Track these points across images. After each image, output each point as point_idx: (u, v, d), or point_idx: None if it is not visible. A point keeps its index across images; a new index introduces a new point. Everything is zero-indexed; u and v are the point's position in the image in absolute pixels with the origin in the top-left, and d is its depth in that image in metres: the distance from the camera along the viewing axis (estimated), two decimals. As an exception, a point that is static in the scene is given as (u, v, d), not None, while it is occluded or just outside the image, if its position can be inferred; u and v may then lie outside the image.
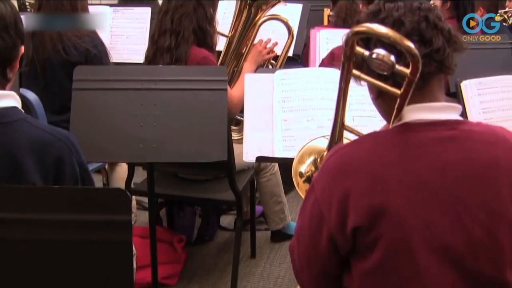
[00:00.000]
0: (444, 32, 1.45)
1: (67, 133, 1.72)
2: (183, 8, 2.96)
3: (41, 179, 1.61)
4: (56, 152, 1.64)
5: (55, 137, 1.66)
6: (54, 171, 1.63)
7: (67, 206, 1.28)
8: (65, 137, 1.68)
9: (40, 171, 1.61)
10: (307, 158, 1.89)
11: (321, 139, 1.93)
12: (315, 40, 3.43)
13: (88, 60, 3.23)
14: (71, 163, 1.67)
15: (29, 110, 2.96)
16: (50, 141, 1.65)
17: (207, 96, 2.48)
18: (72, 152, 1.67)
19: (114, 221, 1.26)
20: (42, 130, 1.67)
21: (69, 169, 1.66)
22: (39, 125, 1.69)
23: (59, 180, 1.64)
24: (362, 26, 1.39)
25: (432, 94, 1.45)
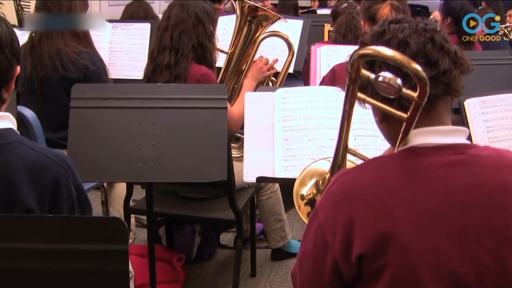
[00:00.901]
0: (451, 54, 1.42)
1: (63, 155, 1.69)
2: (183, 25, 2.94)
3: (37, 202, 1.57)
4: (53, 175, 1.60)
5: (51, 159, 1.62)
6: (50, 194, 1.60)
7: (63, 236, 1.24)
8: (61, 159, 1.64)
9: (36, 195, 1.57)
10: (309, 181, 1.86)
11: (322, 161, 1.90)
12: (316, 56, 3.41)
13: (86, 77, 3.20)
14: (67, 186, 1.63)
15: (26, 128, 2.93)
16: (46, 164, 1.61)
17: (207, 114, 2.45)
18: (69, 175, 1.64)
19: (110, 251, 1.23)
20: (38, 152, 1.63)
21: (66, 192, 1.63)
22: (35, 147, 1.65)
23: (56, 203, 1.61)
24: (368, 48, 1.35)
25: (439, 117, 1.42)
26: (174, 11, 2.98)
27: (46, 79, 3.23)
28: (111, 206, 3.53)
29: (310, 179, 1.86)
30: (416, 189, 1.34)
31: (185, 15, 2.94)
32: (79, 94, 2.53)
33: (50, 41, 3.21)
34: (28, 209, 1.56)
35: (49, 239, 1.26)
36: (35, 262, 1.26)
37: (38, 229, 1.27)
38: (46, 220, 1.31)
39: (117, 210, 3.46)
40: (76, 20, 3.27)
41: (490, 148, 1.46)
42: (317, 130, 2.34)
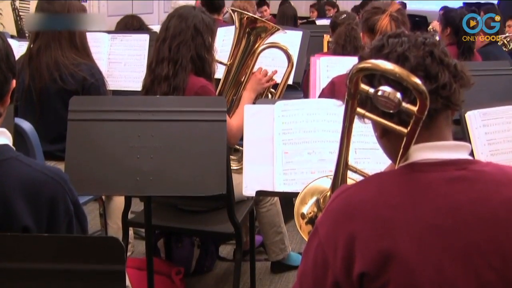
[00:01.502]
0: (450, 68, 1.40)
1: (60, 171, 1.67)
2: (181, 36, 2.92)
3: (34, 220, 1.55)
4: (50, 192, 1.58)
5: (48, 176, 1.59)
6: (47, 212, 1.57)
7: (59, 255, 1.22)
8: (58, 175, 1.62)
9: (32, 212, 1.55)
10: (310, 199, 1.83)
11: (323, 178, 1.88)
12: (315, 68, 3.39)
13: (85, 89, 3.18)
14: (65, 202, 1.60)
15: (24, 140, 2.91)
16: (43, 180, 1.58)
17: (206, 127, 2.44)
18: (66, 191, 1.61)
19: (106, 271, 1.20)
20: (34, 169, 1.60)
21: (63, 209, 1.60)
22: (31, 163, 1.63)
23: (53, 220, 1.58)
24: (366, 62, 1.34)
25: (440, 132, 1.40)
26: (172, 22, 2.97)
27: (44, 90, 3.21)
28: (110, 219, 3.50)
29: (311, 197, 1.84)
30: (418, 206, 1.32)
31: (184, 26, 2.93)
32: (77, 106, 2.52)
33: (49, 53, 3.19)
34: (24, 227, 1.53)
35: (45, 259, 1.24)
36: (31, 282, 1.24)
37: (34, 248, 1.25)
38: (42, 240, 1.29)
39: (115, 223, 3.44)
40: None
41: (493, 163, 1.44)
42: (317, 143, 2.32)
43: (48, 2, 3.25)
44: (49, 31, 3.21)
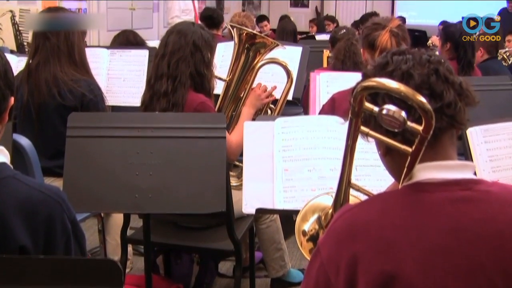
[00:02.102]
0: (456, 86, 1.38)
1: (57, 189, 1.64)
2: (180, 52, 2.91)
3: (31, 239, 1.53)
4: (47, 211, 1.56)
5: (45, 194, 1.57)
6: (45, 231, 1.55)
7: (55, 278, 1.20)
8: (56, 194, 1.60)
9: (30, 231, 1.53)
10: (311, 216, 1.81)
11: (324, 195, 1.85)
12: (315, 83, 3.37)
13: (83, 105, 3.17)
14: (62, 221, 1.58)
15: (22, 156, 2.90)
16: (41, 199, 1.56)
17: (205, 144, 2.42)
18: (64, 210, 1.59)
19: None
20: (31, 187, 1.58)
21: (61, 228, 1.58)
22: (28, 182, 1.60)
23: (51, 240, 1.56)
24: (371, 80, 1.32)
25: (445, 151, 1.38)
26: (171, 38, 2.96)
27: (42, 106, 3.20)
28: (108, 235, 3.47)
29: (312, 214, 1.81)
30: (423, 226, 1.29)
31: (183, 42, 2.92)
32: (75, 123, 2.51)
33: (48, 68, 3.18)
34: (21, 246, 1.51)
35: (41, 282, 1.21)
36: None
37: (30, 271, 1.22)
38: (38, 262, 1.26)
39: (114, 239, 3.41)
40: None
41: (498, 183, 1.42)
42: (318, 160, 2.30)
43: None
44: (48, 47, 3.20)
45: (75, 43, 3.24)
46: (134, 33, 4.79)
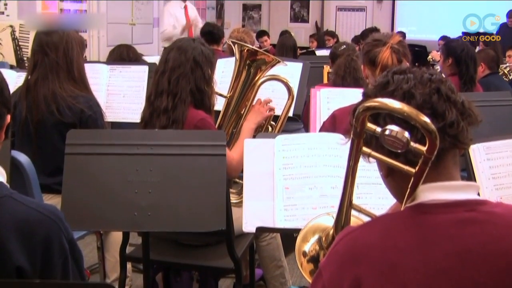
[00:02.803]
0: (458, 105, 1.36)
1: (54, 208, 1.63)
2: (181, 69, 2.89)
3: (28, 260, 1.51)
4: (45, 231, 1.54)
5: (42, 214, 1.56)
6: (42, 251, 1.53)
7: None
8: (53, 213, 1.58)
9: (27, 252, 1.51)
10: (311, 237, 1.78)
11: (325, 216, 1.82)
12: (316, 99, 3.36)
13: (82, 121, 3.15)
14: (60, 241, 1.57)
15: (20, 173, 2.87)
16: (38, 219, 1.55)
17: (205, 161, 2.41)
18: (61, 230, 1.57)
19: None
20: (28, 207, 1.57)
21: (58, 248, 1.56)
22: (25, 201, 1.59)
23: (48, 260, 1.54)
24: (374, 101, 1.30)
25: (448, 172, 1.36)
26: (171, 55, 2.94)
27: (41, 122, 3.18)
28: (107, 252, 3.45)
29: (312, 235, 1.79)
30: (426, 249, 1.27)
31: (183, 59, 2.90)
32: (74, 140, 2.50)
33: (46, 84, 3.17)
34: (18, 267, 1.49)
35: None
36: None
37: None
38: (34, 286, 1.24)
39: (113, 256, 3.38)
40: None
41: (503, 204, 1.39)
42: (319, 178, 2.27)
43: (46, 34, 3.23)
44: (47, 63, 3.19)
45: (74, 59, 3.23)
46: (129, 48, 4.75)
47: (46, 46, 3.19)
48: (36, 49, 3.26)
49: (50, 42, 3.19)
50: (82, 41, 3.43)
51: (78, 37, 3.40)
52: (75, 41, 3.27)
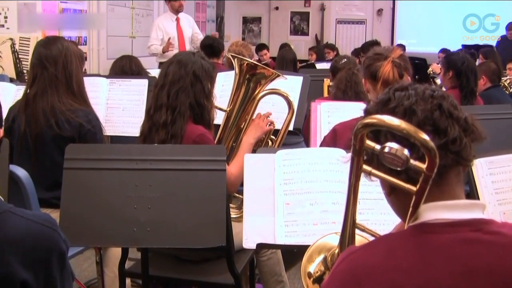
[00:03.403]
0: (461, 121, 1.34)
1: (48, 216, 1.64)
2: (180, 83, 2.88)
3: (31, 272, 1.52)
4: (46, 241, 1.57)
5: (41, 225, 1.58)
6: (44, 262, 1.55)
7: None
8: (49, 222, 1.60)
9: (29, 265, 1.52)
10: (317, 257, 1.75)
11: (332, 235, 1.80)
12: (316, 113, 3.34)
13: (81, 135, 3.13)
14: (60, 249, 1.59)
15: (19, 187, 2.85)
16: (38, 231, 1.56)
17: (205, 177, 2.39)
18: (60, 236, 1.60)
19: None
20: (28, 220, 1.57)
21: (58, 255, 1.58)
22: (24, 214, 1.59)
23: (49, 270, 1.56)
24: (372, 117, 1.28)
25: (451, 189, 1.33)
26: (171, 69, 2.92)
27: (40, 136, 3.16)
28: (106, 267, 3.42)
29: (318, 255, 1.76)
30: (430, 270, 1.24)
31: (183, 73, 2.89)
32: (73, 154, 2.48)
33: (45, 98, 3.15)
34: (22, 281, 1.50)
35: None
36: None
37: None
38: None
39: (112, 271, 3.35)
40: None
41: (509, 224, 1.37)
42: (320, 194, 2.25)
43: (45, 47, 3.22)
44: (46, 77, 3.17)
45: (73, 72, 3.22)
46: (131, 59, 4.71)
47: (45, 59, 3.18)
48: (35, 62, 3.24)
49: (49, 56, 3.18)
50: (82, 55, 3.42)
51: (77, 51, 3.38)
52: (74, 54, 3.25)
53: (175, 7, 7.62)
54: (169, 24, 7.60)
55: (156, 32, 7.54)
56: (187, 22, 7.82)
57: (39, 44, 3.31)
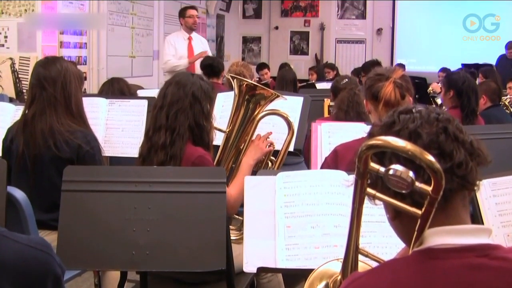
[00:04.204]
0: (466, 145, 1.32)
1: (42, 239, 1.62)
2: (179, 104, 2.85)
3: None
4: (40, 265, 1.54)
5: (35, 249, 1.55)
6: (39, 286, 1.53)
7: None
8: (43, 245, 1.57)
9: None
10: (318, 283, 1.71)
11: (334, 262, 1.76)
12: (317, 134, 3.31)
13: (80, 157, 3.10)
14: (55, 274, 1.56)
15: (16, 209, 2.82)
16: (32, 255, 1.54)
17: (205, 199, 2.37)
18: (55, 259, 1.57)
19: None
20: (21, 244, 1.55)
21: (52, 279, 1.56)
22: (17, 238, 1.57)
23: None
24: (377, 139, 1.26)
25: (457, 214, 1.30)
26: (170, 90, 2.90)
27: (38, 157, 3.13)
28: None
29: (319, 282, 1.72)
30: None
31: (182, 94, 2.87)
32: (71, 176, 2.46)
33: (44, 119, 3.13)
34: None
35: None
36: None
37: None
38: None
39: (111, 294, 3.32)
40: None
41: None
42: (321, 217, 2.21)
43: (44, 67, 3.20)
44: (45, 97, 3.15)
45: (72, 93, 3.20)
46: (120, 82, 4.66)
47: (44, 80, 3.16)
48: (34, 83, 3.23)
49: (48, 76, 3.16)
50: (81, 75, 3.40)
51: (77, 71, 3.37)
52: (73, 75, 3.23)
53: (189, 24, 7.55)
54: (180, 43, 7.50)
55: (169, 49, 7.46)
56: (200, 43, 7.73)
57: (38, 64, 3.29)
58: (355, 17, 13.59)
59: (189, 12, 7.61)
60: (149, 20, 9.20)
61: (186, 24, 7.56)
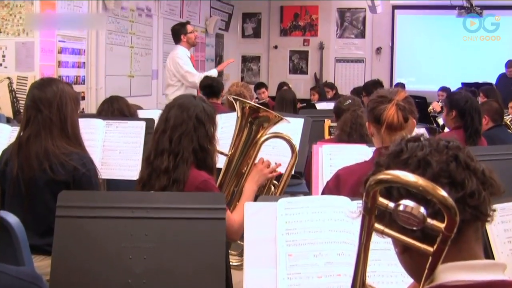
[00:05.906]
0: (478, 173, 1.25)
1: (31, 271, 1.63)
2: (183, 127, 2.79)
3: None
4: None
5: (24, 281, 1.54)
6: None
7: None
8: (32, 277, 1.57)
9: None
10: None
11: None
12: (318, 156, 3.25)
13: (76, 180, 3.05)
14: None
15: (10, 235, 2.75)
16: (20, 287, 1.53)
17: (204, 226, 2.30)
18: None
19: None
20: (10, 276, 1.54)
21: None
22: (6, 270, 1.57)
23: None
24: (386, 173, 1.19)
25: (470, 248, 1.24)
26: (172, 113, 2.84)
27: (33, 181, 3.08)
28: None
29: None
30: None
31: (185, 117, 2.80)
32: (65, 202, 2.40)
33: (39, 141, 3.08)
34: None
35: None
36: None
37: None
38: None
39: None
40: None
41: None
42: (324, 245, 2.14)
43: (39, 89, 3.15)
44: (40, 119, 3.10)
45: (68, 115, 3.15)
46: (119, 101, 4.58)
47: (40, 102, 3.11)
48: (29, 104, 3.18)
49: (44, 98, 3.11)
50: (77, 97, 3.34)
51: (73, 93, 3.31)
52: (69, 97, 3.18)
53: (191, 41, 7.45)
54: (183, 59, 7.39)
55: (188, 63, 7.26)
56: None
57: (33, 86, 3.25)
58: (354, 36, 13.58)
59: (189, 27, 7.53)
60: (148, 39, 9.16)
61: (188, 41, 7.41)
